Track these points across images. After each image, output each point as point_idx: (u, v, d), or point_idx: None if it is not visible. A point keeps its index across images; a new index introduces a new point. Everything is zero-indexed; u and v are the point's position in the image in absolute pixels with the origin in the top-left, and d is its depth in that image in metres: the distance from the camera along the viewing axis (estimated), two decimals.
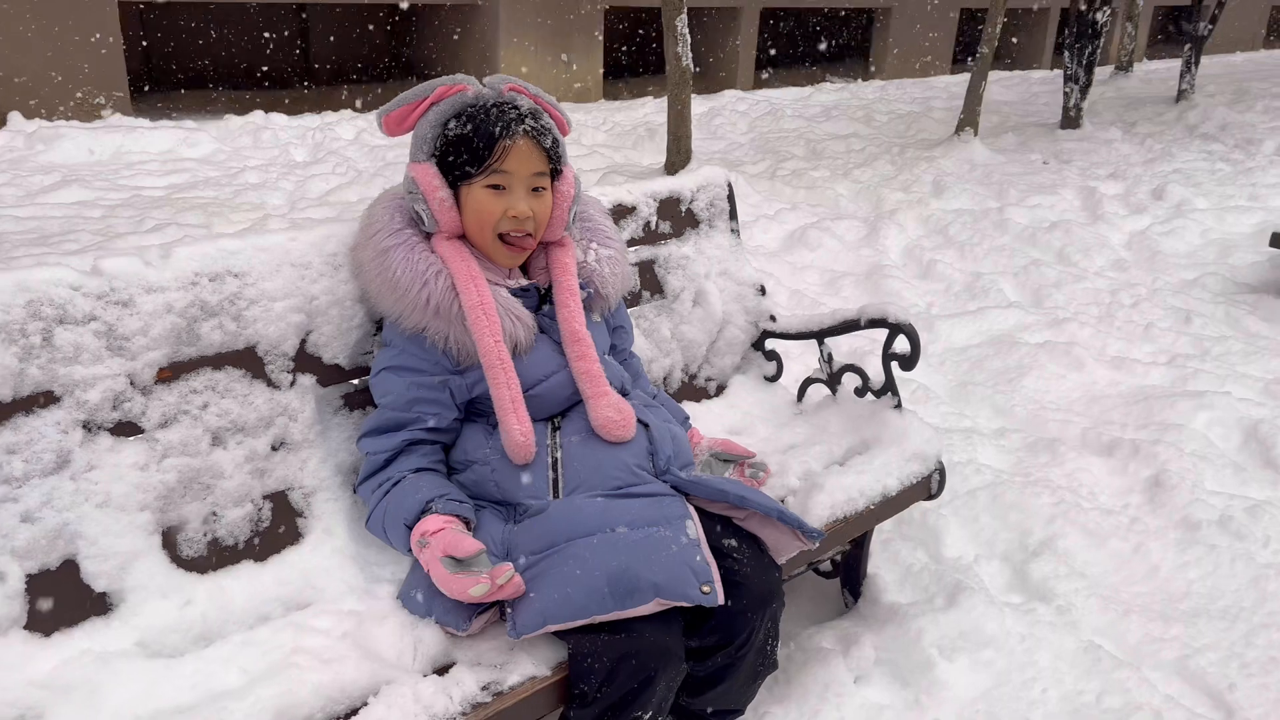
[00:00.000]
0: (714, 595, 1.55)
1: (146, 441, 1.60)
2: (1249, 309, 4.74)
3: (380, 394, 1.76)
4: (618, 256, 1.94)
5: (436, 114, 1.74)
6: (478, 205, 1.72)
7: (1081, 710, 2.13)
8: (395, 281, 1.69)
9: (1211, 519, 2.85)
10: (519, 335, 1.73)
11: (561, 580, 1.53)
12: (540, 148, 1.73)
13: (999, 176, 7.06)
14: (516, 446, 1.68)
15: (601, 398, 1.75)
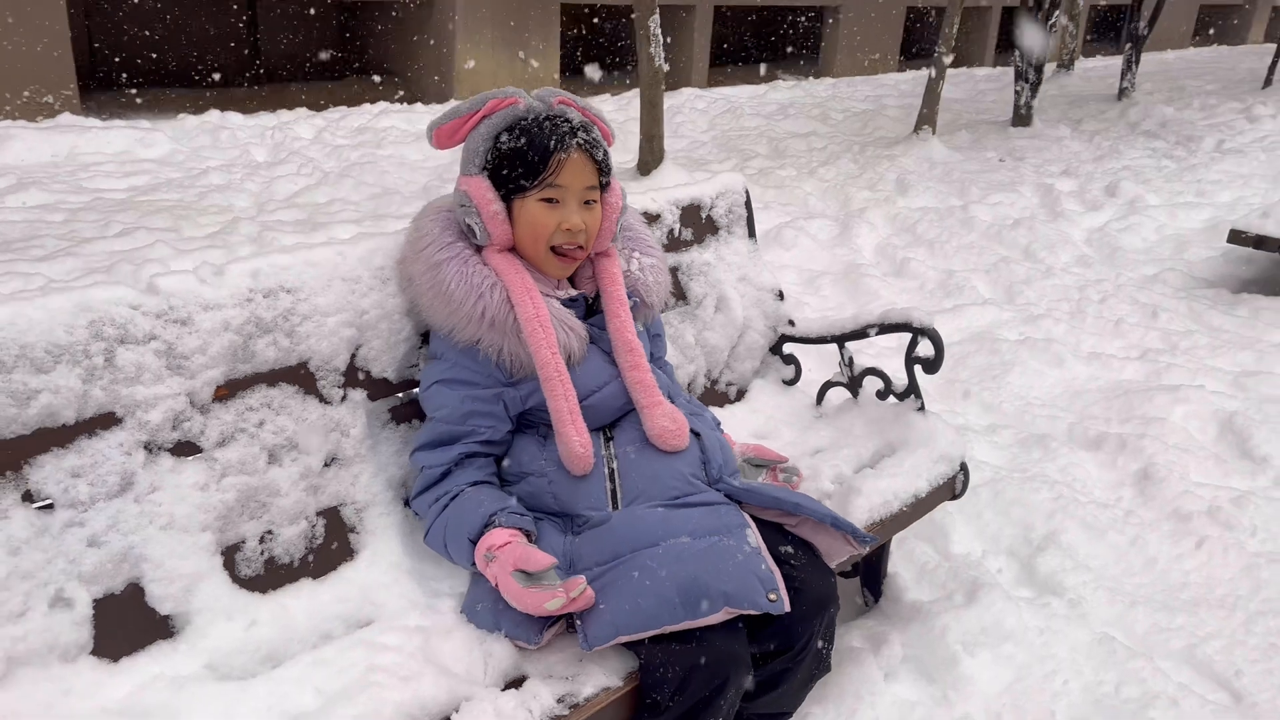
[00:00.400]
0: (780, 603, 1.57)
1: (206, 461, 1.58)
2: (1209, 303, 4.91)
3: (434, 407, 1.76)
4: (659, 265, 1.96)
5: (488, 127, 1.75)
6: (532, 218, 1.73)
7: (1103, 701, 2.21)
8: (449, 295, 1.69)
9: (1201, 510, 2.96)
10: (573, 345, 1.74)
11: (631, 591, 1.55)
12: (592, 160, 1.75)
13: (959, 174, 7.20)
14: (576, 457, 1.69)
15: (656, 407, 1.77)
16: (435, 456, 1.74)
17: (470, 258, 1.72)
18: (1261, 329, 4.59)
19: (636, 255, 1.93)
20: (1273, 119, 10.68)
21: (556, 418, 1.69)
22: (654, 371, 1.85)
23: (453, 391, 1.73)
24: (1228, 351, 4.28)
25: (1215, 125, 10.15)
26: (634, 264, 1.91)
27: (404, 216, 5.42)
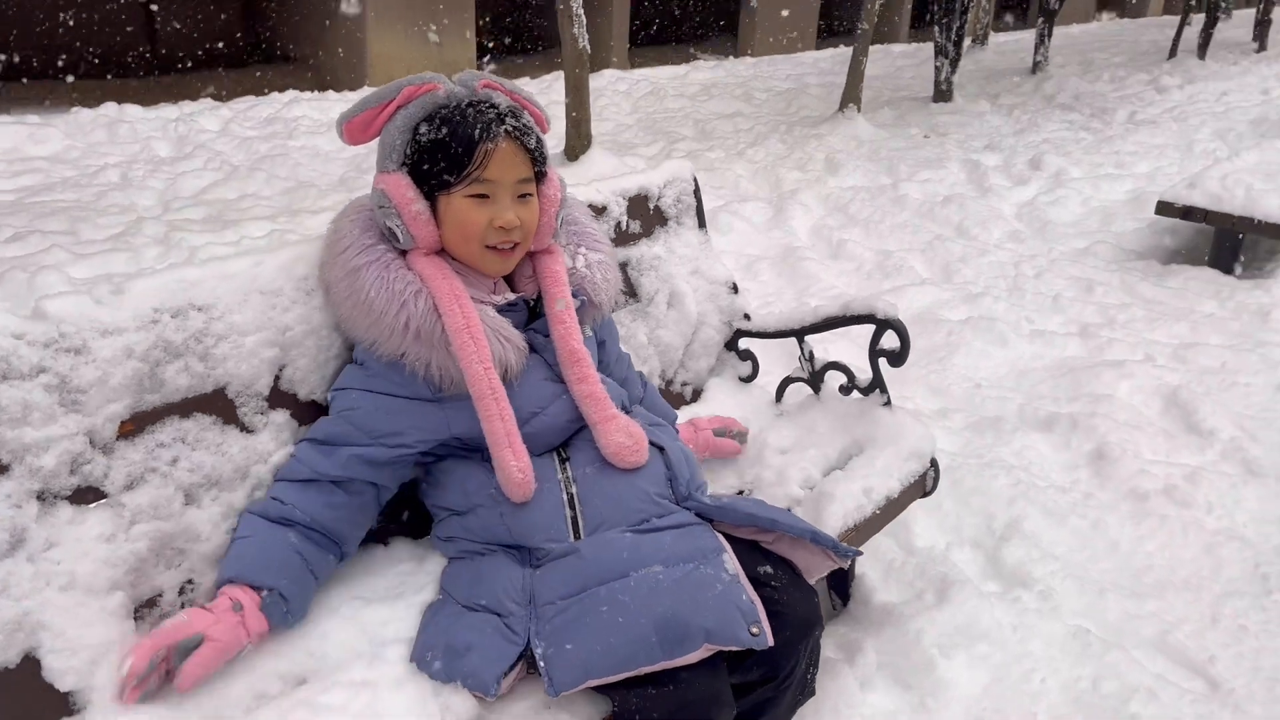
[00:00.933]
0: (763, 637, 1.44)
1: (112, 507, 1.38)
2: (1140, 275, 4.94)
3: (341, 408, 1.58)
4: (608, 261, 1.79)
5: (405, 118, 1.56)
6: (460, 217, 1.55)
7: (1082, 698, 2.14)
8: (369, 304, 1.51)
9: (1157, 489, 2.93)
10: (509, 358, 1.57)
11: (602, 629, 1.40)
12: (524, 149, 1.57)
13: (886, 152, 7.17)
14: (515, 485, 1.52)
15: (609, 422, 1.61)
16: (315, 454, 1.54)
17: (392, 262, 1.55)
18: (1193, 299, 4.63)
19: (583, 251, 1.77)
20: (1180, 90, 10.94)
21: (492, 440, 1.53)
22: (605, 381, 1.69)
23: (369, 397, 1.56)
24: (1164, 324, 4.30)
25: (1126, 97, 10.35)
26: (580, 260, 1.75)
27: (321, 211, 5.16)
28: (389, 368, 1.55)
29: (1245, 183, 4.99)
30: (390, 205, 1.54)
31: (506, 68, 10.85)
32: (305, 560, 1.50)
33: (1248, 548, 2.70)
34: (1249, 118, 9.45)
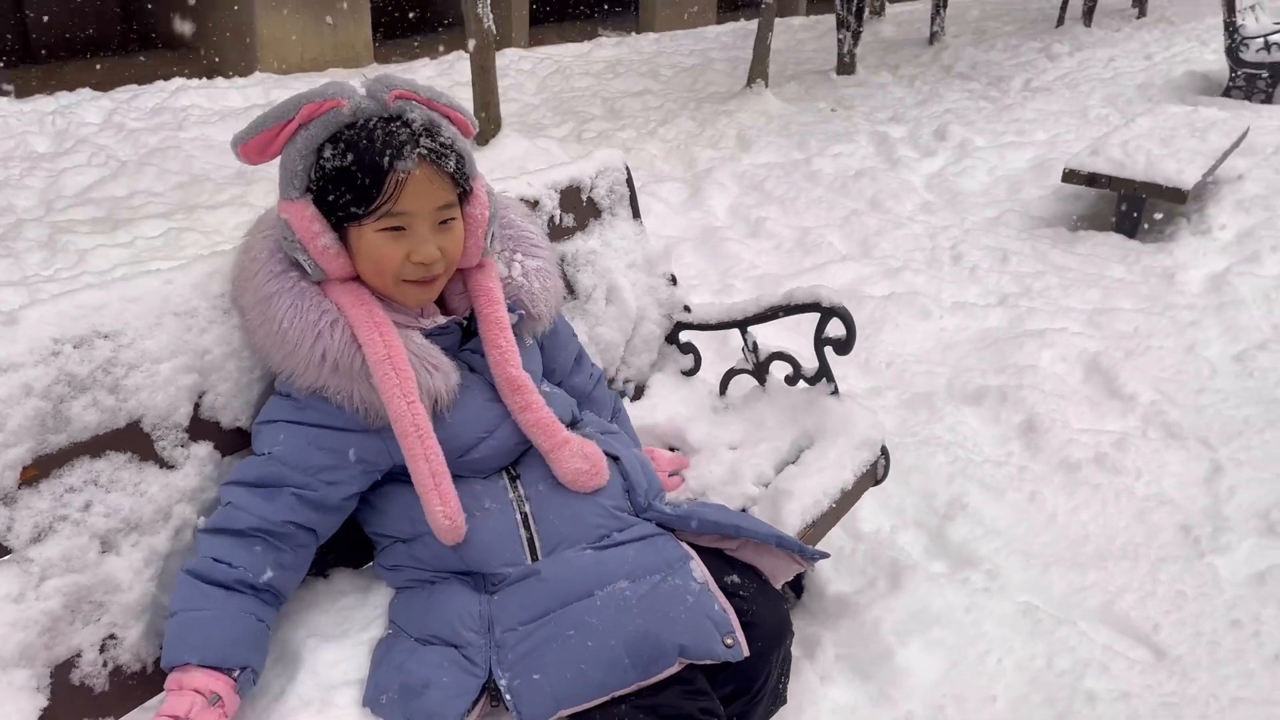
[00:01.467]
0: (738, 648, 1.38)
1: (18, 564, 1.24)
2: (1050, 243, 5.03)
3: (267, 444, 1.43)
4: (547, 267, 1.65)
5: (306, 139, 1.38)
6: (373, 252, 1.40)
7: (1038, 677, 2.14)
8: (282, 335, 1.39)
9: (1088, 458, 2.97)
10: (438, 388, 1.44)
11: (571, 655, 1.32)
12: (442, 173, 1.40)
13: (796, 127, 7.18)
14: (442, 529, 1.41)
15: (561, 449, 1.50)
16: (252, 500, 1.38)
17: (306, 289, 1.41)
18: (1101, 264, 4.74)
19: (518, 258, 1.62)
20: (1070, 57, 11.25)
21: (417, 481, 1.41)
22: (552, 395, 1.60)
23: (299, 432, 1.42)
24: (1077, 290, 4.38)
25: (1020, 65, 10.59)
26: (515, 269, 1.61)
27: (219, 206, 4.91)
28: (316, 397, 1.42)
29: (1145, 148, 5.13)
30: (295, 238, 1.38)
31: (405, 48, 10.54)
32: (266, 625, 1.38)
33: (1177, 511, 2.76)
34: (1136, 83, 9.77)
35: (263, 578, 1.37)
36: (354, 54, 9.50)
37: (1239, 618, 2.34)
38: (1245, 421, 3.26)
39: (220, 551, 1.36)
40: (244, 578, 1.36)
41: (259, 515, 1.38)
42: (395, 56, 10.01)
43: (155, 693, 1.39)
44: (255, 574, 1.37)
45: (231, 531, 1.37)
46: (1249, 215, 5.48)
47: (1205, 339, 3.88)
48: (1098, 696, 2.08)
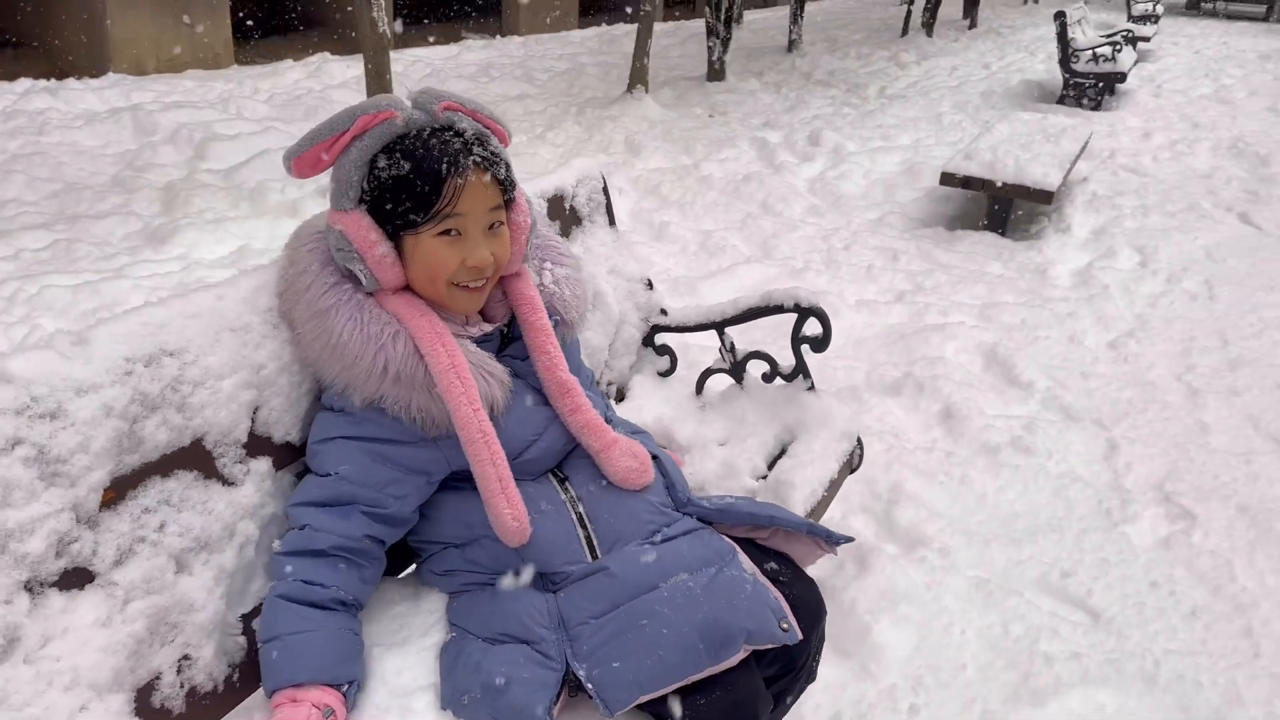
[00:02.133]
0: (793, 632, 1.47)
1: (104, 588, 1.22)
2: (933, 242, 5.36)
3: (331, 463, 1.43)
4: (574, 275, 1.70)
5: (360, 150, 1.41)
6: (430, 258, 1.43)
7: (998, 644, 2.33)
8: (342, 348, 1.40)
9: (1005, 441, 3.22)
10: (494, 394, 1.48)
11: (647, 643, 1.39)
12: (494, 180, 1.44)
13: (679, 133, 7.35)
14: (509, 532, 1.45)
15: (611, 448, 1.56)
16: (328, 520, 1.40)
17: (363, 301, 1.43)
18: (981, 261, 5.09)
19: (548, 266, 1.67)
20: (917, 65, 11.91)
21: (484, 486, 1.44)
22: (592, 397, 1.66)
23: (360, 448, 1.44)
24: (965, 286, 4.70)
25: (874, 73, 11.14)
26: (546, 277, 1.65)
27: (105, 215, 4.68)
28: (372, 410, 1.44)
29: (1013, 154, 5.52)
30: (351, 248, 1.40)
31: (267, 49, 10.18)
32: (361, 640, 1.42)
33: (1088, 487, 3.03)
34: (979, 90, 10.44)
35: (352, 594, 1.40)
36: (213, 55, 9.11)
37: (1156, 579, 2.60)
38: (1129, 403, 3.60)
39: (308, 573, 1.37)
40: (337, 595, 1.38)
41: (338, 534, 1.40)
42: (257, 58, 9.65)
43: (227, 711, 1.38)
44: (346, 591, 1.39)
45: (313, 552, 1.39)
46: (1099, 214, 5.99)
47: (1082, 329, 4.24)
48: (1053, 658, 2.28)
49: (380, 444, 1.45)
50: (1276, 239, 5.70)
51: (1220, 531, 2.81)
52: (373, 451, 1.44)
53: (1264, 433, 3.42)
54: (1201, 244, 5.53)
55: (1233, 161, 7.58)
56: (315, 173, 1.45)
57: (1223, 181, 6.95)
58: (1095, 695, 2.20)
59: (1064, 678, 2.23)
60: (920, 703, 2.15)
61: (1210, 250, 5.43)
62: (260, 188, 5.14)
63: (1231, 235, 5.75)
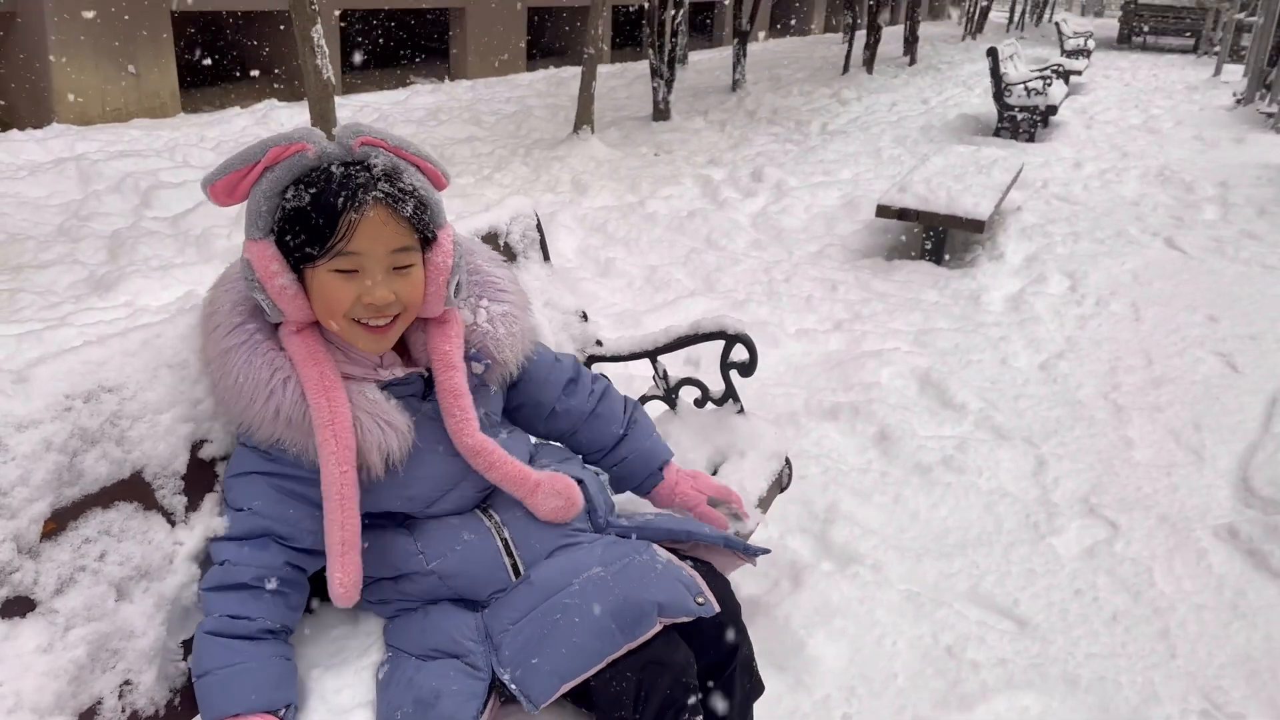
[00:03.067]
0: (709, 605, 1.51)
1: (45, 616, 1.27)
2: (870, 273, 5.52)
3: (244, 499, 1.47)
4: (514, 312, 1.66)
5: (271, 181, 1.41)
6: (325, 292, 1.42)
7: (929, 653, 2.42)
8: (239, 389, 1.42)
9: (936, 460, 3.34)
10: (390, 446, 1.47)
11: (562, 634, 1.44)
12: (399, 217, 1.41)
13: (625, 171, 7.49)
14: (336, 596, 1.46)
15: (535, 493, 1.57)
16: (246, 554, 1.44)
17: (260, 344, 1.44)
18: (917, 290, 5.25)
19: (484, 304, 1.63)
20: (858, 101, 12.23)
21: (328, 545, 1.44)
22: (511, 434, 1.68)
23: (270, 484, 1.47)
24: (901, 314, 4.85)
25: (816, 110, 11.43)
26: (481, 314, 1.62)
27: (48, 265, 4.69)
28: (277, 449, 1.46)
29: (945, 185, 5.72)
30: (255, 278, 1.41)
31: (214, 97, 10.22)
32: (293, 663, 1.46)
33: (1016, 502, 3.15)
34: (918, 125, 10.75)
35: (279, 621, 1.45)
36: (159, 104, 9.14)
37: (1080, 587, 2.71)
38: (1057, 421, 3.74)
39: (233, 608, 1.41)
40: (264, 625, 1.42)
41: (258, 565, 1.44)
42: (205, 106, 9.69)
43: None
44: (272, 620, 1.43)
45: (235, 586, 1.42)
46: (1031, 242, 6.21)
47: (1014, 351, 4.40)
48: (980, 665, 2.37)
49: (289, 480, 1.47)
50: (1199, 261, 5.94)
51: (1141, 540, 2.94)
52: (283, 489, 1.47)
53: (1184, 446, 3.57)
54: (1129, 268, 5.75)
55: (1159, 188, 7.89)
56: (231, 201, 1.45)
57: (1150, 208, 7.23)
58: (1020, 699, 2.29)
59: (990, 683, 2.32)
60: (853, 711, 2.23)
61: (1137, 274, 5.65)
62: (206, 234, 5.18)
63: (1157, 258, 5.98)
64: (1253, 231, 6.61)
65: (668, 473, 1.87)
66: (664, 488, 1.86)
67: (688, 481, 1.88)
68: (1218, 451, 3.54)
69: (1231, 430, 3.71)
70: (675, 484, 1.86)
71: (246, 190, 1.44)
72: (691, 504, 1.85)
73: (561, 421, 1.82)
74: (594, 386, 1.86)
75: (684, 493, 1.86)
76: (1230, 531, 2.97)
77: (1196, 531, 2.99)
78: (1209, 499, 3.20)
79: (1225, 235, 6.51)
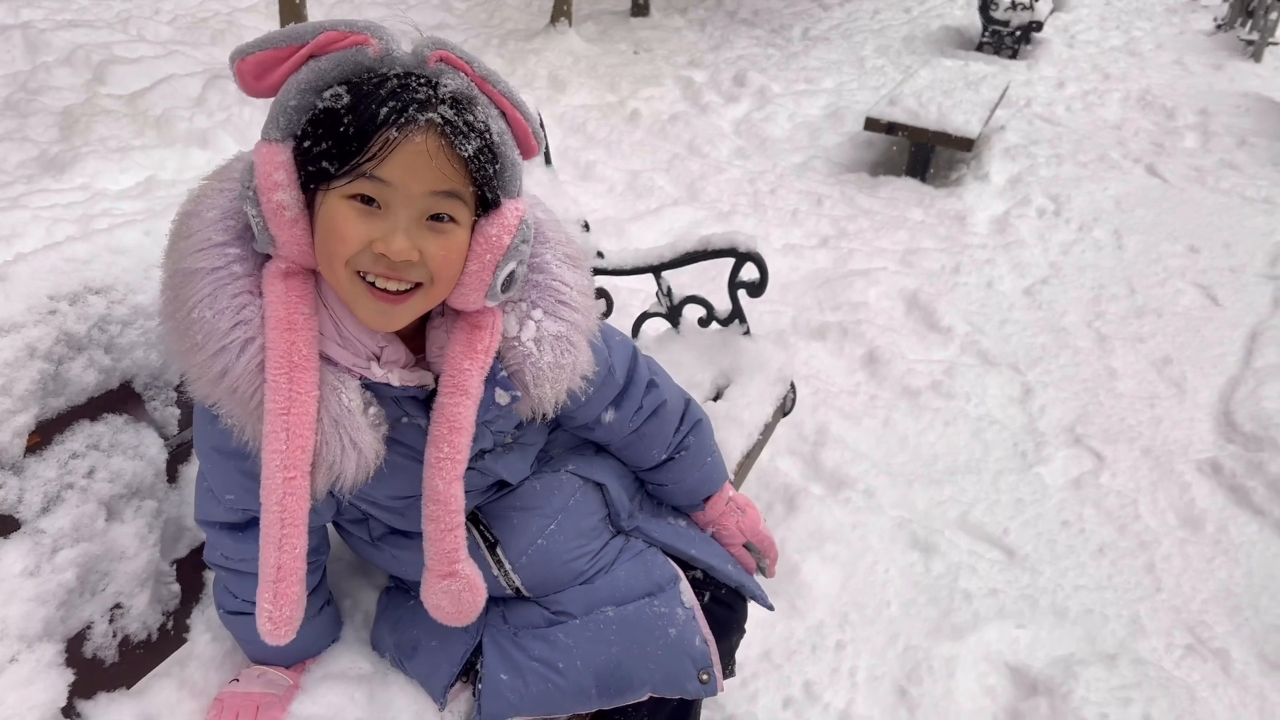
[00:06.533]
0: (713, 684, 1.35)
1: (31, 536, 1.17)
2: (855, 188, 5.41)
3: (218, 483, 1.22)
4: (571, 336, 1.21)
5: (313, 73, 1.04)
6: (331, 224, 1.05)
7: (921, 581, 2.41)
8: (188, 325, 1.06)
9: (926, 385, 3.30)
10: (345, 472, 1.13)
11: (540, 673, 1.33)
12: (454, 155, 1.04)
13: (604, 69, 7.23)
14: (262, 630, 1.16)
15: (440, 580, 1.23)
16: (247, 547, 1.24)
17: (235, 279, 1.07)
18: (903, 208, 5.15)
19: (537, 316, 1.19)
20: (840, 7, 11.89)
21: (261, 566, 1.13)
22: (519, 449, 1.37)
23: (238, 471, 1.18)
24: (887, 232, 4.76)
25: (798, 14, 11.09)
26: (528, 330, 1.19)
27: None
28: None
29: (936, 100, 5.58)
30: (251, 186, 1.05)
31: None
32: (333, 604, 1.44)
33: (1004, 430, 3.13)
34: (901, 35, 10.49)
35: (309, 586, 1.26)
36: None
37: (1067, 518, 2.71)
38: (1043, 348, 3.72)
39: (252, 594, 1.20)
40: None
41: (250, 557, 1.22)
42: None
43: (161, 660, 1.35)
44: None
45: (245, 573, 1.27)
46: (1015, 162, 6.11)
47: (999, 275, 4.35)
48: (972, 594, 2.37)
49: (244, 460, 1.15)
50: (1179, 190, 5.91)
51: (1126, 472, 2.94)
52: (242, 469, 1.18)
53: (1166, 378, 3.57)
54: (1111, 194, 5.69)
55: (1140, 113, 7.80)
56: (261, 88, 1.07)
57: (1131, 133, 7.15)
58: (1010, 629, 2.29)
59: (982, 613, 2.32)
60: (846, 639, 2.21)
61: (1119, 200, 5.60)
62: (167, 115, 4.90)
63: (1139, 186, 5.93)
64: (1232, 161, 6.58)
65: (711, 506, 1.59)
66: (702, 517, 1.60)
67: (733, 518, 1.60)
68: (1199, 385, 3.54)
69: (1212, 364, 3.71)
70: (719, 517, 1.59)
71: (282, 78, 1.07)
72: (726, 542, 1.60)
73: (595, 435, 1.49)
74: (644, 401, 1.47)
75: (724, 528, 1.59)
76: (1213, 466, 2.98)
77: (1179, 465, 3.00)
78: (1191, 433, 3.21)
79: (1205, 164, 6.46)
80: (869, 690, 2.11)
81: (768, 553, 1.64)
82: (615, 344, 1.42)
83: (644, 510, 1.55)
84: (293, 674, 1.36)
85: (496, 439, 1.29)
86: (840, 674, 2.13)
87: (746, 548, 1.61)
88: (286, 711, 1.29)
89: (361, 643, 1.43)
